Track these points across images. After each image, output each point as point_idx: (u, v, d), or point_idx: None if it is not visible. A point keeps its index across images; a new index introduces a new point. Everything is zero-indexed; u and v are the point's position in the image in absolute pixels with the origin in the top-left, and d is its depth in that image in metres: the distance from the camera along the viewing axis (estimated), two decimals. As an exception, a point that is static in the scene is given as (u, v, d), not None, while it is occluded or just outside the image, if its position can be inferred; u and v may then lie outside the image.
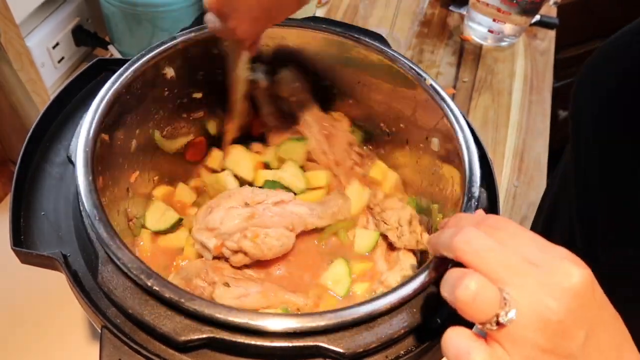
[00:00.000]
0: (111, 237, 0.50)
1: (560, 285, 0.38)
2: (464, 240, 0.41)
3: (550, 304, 0.37)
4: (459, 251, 0.41)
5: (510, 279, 0.39)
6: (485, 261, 0.40)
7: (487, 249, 0.40)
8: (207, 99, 0.75)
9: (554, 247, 0.41)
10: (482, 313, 0.38)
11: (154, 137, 0.71)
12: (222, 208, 0.66)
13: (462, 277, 0.39)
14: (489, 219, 0.44)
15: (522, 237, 0.41)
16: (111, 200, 0.63)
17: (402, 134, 0.76)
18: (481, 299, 0.38)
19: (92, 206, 0.52)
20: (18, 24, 0.84)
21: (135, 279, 0.47)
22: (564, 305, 0.38)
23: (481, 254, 0.40)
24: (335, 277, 0.68)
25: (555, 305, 0.37)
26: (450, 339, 0.40)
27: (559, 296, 0.38)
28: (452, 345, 0.40)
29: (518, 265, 0.39)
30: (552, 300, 0.37)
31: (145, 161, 0.71)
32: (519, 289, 0.38)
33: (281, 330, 0.46)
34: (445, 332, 0.41)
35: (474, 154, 0.60)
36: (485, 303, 0.38)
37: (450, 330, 0.41)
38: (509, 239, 0.41)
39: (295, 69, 0.76)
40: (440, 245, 0.45)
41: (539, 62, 1.32)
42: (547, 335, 0.38)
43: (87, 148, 0.55)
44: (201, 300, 0.46)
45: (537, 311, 0.38)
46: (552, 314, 0.37)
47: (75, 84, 0.67)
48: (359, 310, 0.48)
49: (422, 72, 0.68)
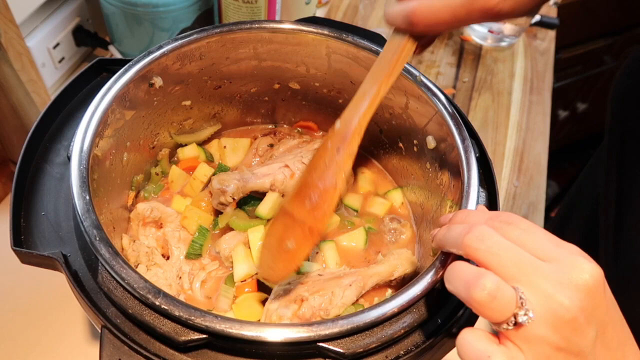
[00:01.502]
0: (113, 256, 0.50)
1: (573, 282, 0.38)
2: (477, 238, 0.41)
3: (564, 301, 0.37)
4: (471, 249, 0.41)
5: (524, 277, 0.39)
6: (498, 259, 0.39)
7: (500, 247, 0.40)
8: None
9: (567, 244, 0.41)
10: (500, 313, 0.38)
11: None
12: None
13: (477, 277, 0.38)
14: (500, 215, 0.43)
15: (534, 233, 0.41)
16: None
17: (394, 130, 0.76)
18: (499, 300, 0.37)
19: (91, 226, 0.51)
20: (18, 24, 0.84)
21: (142, 298, 0.47)
22: (577, 302, 0.38)
23: (494, 252, 0.40)
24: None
25: (569, 303, 0.37)
26: (467, 342, 0.40)
27: (572, 293, 0.38)
28: (470, 348, 0.39)
29: (531, 263, 0.39)
30: (566, 297, 0.37)
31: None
32: (533, 288, 0.38)
33: (280, 341, 0.46)
34: (460, 335, 0.40)
35: (470, 152, 0.60)
36: (502, 304, 0.37)
37: (466, 332, 0.40)
38: (522, 235, 0.41)
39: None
40: (448, 242, 0.45)
41: (539, 62, 1.32)
42: (560, 332, 0.38)
43: (82, 167, 0.55)
44: (212, 317, 0.46)
45: (551, 309, 0.38)
46: (565, 311, 0.37)
47: (75, 84, 0.67)
48: (364, 317, 0.48)
49: (414, 69, 0.68)
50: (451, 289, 0.41)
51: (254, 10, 1.03)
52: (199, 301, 0.67)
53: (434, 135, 0.68)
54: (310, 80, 0.79)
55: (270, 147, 0.82)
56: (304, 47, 0.73)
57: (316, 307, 0.60)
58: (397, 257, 0.69)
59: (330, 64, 0.74)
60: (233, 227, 0.71)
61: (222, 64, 0.73)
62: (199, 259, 0.70)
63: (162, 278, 0.66)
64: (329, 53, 0.73)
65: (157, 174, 0.78)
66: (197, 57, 0.70)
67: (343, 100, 0.80)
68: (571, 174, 2.29)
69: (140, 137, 0.71)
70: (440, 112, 0.64)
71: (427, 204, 0.73)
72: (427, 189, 0.72)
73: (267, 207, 0.72)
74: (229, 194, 0.69)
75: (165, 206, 0.72)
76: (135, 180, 0.73)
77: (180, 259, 0.70)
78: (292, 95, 0.82)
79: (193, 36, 0.67)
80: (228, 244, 0.70)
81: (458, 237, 0.42)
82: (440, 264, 0.51)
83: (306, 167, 0.56)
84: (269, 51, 0.74)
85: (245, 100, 0.82)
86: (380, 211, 0.79)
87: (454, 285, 0.41)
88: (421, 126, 0.70)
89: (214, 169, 0.78)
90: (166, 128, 0.76)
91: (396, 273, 0.67)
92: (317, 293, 0.61)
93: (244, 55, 0.73)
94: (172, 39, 0.67)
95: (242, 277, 0.68)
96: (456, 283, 0.40)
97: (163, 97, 0.71)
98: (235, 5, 1.02)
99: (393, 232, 0.76)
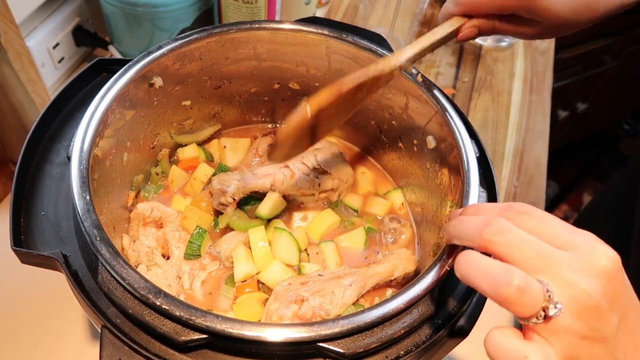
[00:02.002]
0: (114, 256, 0.49)
1: (594, 269, 0.38)
2: (495, 232, 0.40)
3: (587, 288, 0.37)
4: (490, 243, 0.40)
5: (546, 269, 0.38)
6: (520, 252, 0.39)
7: (520, 239, 0.39)
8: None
9: (582, 231, 0.41)
10: (529, 308, 0.37)
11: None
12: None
13: (504, 273, 0.38)
14: (513, 206, 0.43)
15: (550, 222, 0.41)
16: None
17: (394, 130, 0.76)
18: (528, 296, 0.37)
19: (91, 226, 0.51)
20: (18, 24, 0.84)
21: (142, 298, 0.47)
22: (600, 288, 0.37)
23: (515, 245, 0.39)
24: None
25: (591, 289, 0.37)
26: (498, 343, 0.39)
27: (593, 280, 0.38)
28: (503, 350, 0.38)
29: (551, 254, 0.39)
30: (588, 284, 0.37)
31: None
32: (555, 278, 0.38)
33: (280, 341, 0.46)
34: (488, 336, 0.39)
35: (470, 152, 0.60)
36: (531, 298, 0.37)
37: (495, 333, 0.39)
38: (538, 224, 0.41)
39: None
40: (462, 235, 0.44)
41: (539, 62, 1.32)
42: (585, 320, 0.37)
43: (82, 166, 0.55)
44: (212, 317, 0.46)
45: (575, 297, 0.37)
46: (589, 298, 0.37)
47: (75, 84, 0.67)
48: (364, 317, 0.48)
49: (413, 69, 0.67)
50: (472, 284, 0.40)
51: (254, 10, 1.03)
52: (199, 301, 0.67)
53: (434, 135, 0.68)
54: (310, 80, 0.79)
55: (271, 147, 0.82)
56: (304, 47, 0.73)
57: (316, 307, 0.60)
58: (397, 257, 0.69)
59: (330, 64, 0.74)
60: (233, 227, 0.71)
61: (222, 64, 0.73)
62: (199, 259, 0.70)
63: (162, 278, 0.66)
64: (329, 53, 0.73)
65: (157, 174, 0.78)
66: (197, 57, 0.70)
67: (343, 100, 0.80)
68: (571, 174, 2.30)
69: (140, 137, 0.71)
70: (440, 112, 0.64)
71: (427, 204, 0.73)
72: (427, 189, 0.72)
73: (268, 207, 0.72)
74: (229, 195, 0.69)
75: (165, 206, 0.72)
76: (135, 180, 0.73)
77: (180, 259, 0.70)
78: (292, 95, 0.82)
79: (193, 36, 0.67)
80: (228, 244, 0.70)
81: (474, 230, 0.42)
82: (446, 257, 0.51)
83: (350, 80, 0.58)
84: (269, 51, 0.74)
85: (245, 100, 0.82)
86: (380, 211, 0.79)
87: (477, 281, 0.39)
88: (421, 126, 0.70)
89: (214, 169, 0.78)
90: (166, 128, 0.76)
91: (396, 273, 0.67)
92: (317, 293, 0.61)
93: (243, 55, 0.73)
94: (172, 39, 0.67)
95: (243, 277, 0.68)
96: (479, 280, 0.39)
97: (163, 97, 0.71)
98: (235, 5, 1.02)
99: (393, 232, 0.76)
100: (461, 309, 0.53)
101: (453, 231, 0.45)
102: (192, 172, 0.78)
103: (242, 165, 0.80)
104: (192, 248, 0.70)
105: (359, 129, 0.83)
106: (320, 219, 0.75)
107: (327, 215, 0.76)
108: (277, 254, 0.69)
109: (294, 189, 0.73)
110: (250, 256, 0.69)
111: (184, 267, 0.69)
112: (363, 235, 0.75)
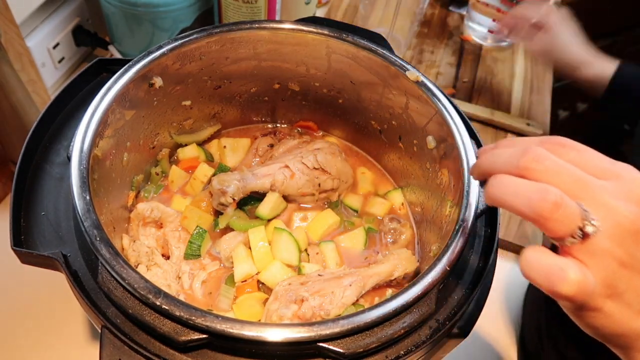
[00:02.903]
0: (114, 256, 0.49)
1: (636, 196, 0.38)
2: (533, 160, 0.39)
3: (628, 213, 0.37)
4: (529, 171, 0.39)
5: (585, 194, 0.38)
6: (559, 178, 0.38)
7: (559, 167, 0.39)
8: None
9: (622, 163, 0.41)
10: (565, 225, 0.37)
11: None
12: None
13: (539, 190, 0.37)
14: (552, 138, 0.42)
15: (590, 153, 0.41)
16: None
17: (394, 130, 0.77)
18: (563, 210, 0.36)
19: (91, 226, 0.51)
20: (18, 24, 0.84)
21: (142, 298, 0.47)
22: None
23: (555, 171, 0.39)
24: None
25: (633, 214, 0.37)
26: (534, 259, 0.38)
27: (635, 207, 0.37)
28: (539, 265, 0.37)
29: (592, 181, 0.39)
30: (629, 210, 0.37)
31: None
32: (595, 203, 0.38)
33: (280, 341, 0.46)
34: (523, 255, 0.38)
35: (470, 152, 0.60)
36: (567, 214, 0.36)
37: (530, 250, 0.38)
38: (577, 155, 0.41)
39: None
40: (497, 166, 0.42)
41: (539, 62, 1.32)
42: (625, 246, 0.37)
43: (82, 167, 0.55)
44: (212, 317, 0.46)
45: (616, 221, 0.37)
46: (630, 223, 0.37)
47: (75, 84, 0.67)
48: (364, 317, 0.48)
49: (413, 69, 0.68)
50: (504, 204, 0.39)
51: (254, 10, 1.03)
52: (199, 301, 0.67)
53: (434, 135, 0.68)
54: (310, 80, 0.79)
55: (270, 147, 0.82)
56: (304, 47, 0.73)
57: (316, 307, 0.60)
58: (397, 257, 0.69)
59: (330, 64, 0.75)
60: (233, 227, 0.71)
61: (222, 64, 0.73)
62: (199, 259, 0.70)
63: (162, 278, 0.66)
64: (329, 53, 0.73)
65: (157, 174, 0.78)
66: (197, 57, 0.70)
67: (343, 100, 0.80)
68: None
69: (140, 137, 0.71)
70: (440, 112, 0.64)
71: (427, 204, 0.73)
72: (427, 189, 0.72)
73: (268, 207, 0.72)
74: (229, 195, 0.69)
75: (165, 206, 0.72)
76: (135, 180, 0.73)
77: (180, 259, 0.70)
78: (292, 95, 0.82)
79: (193, 36, 0.67)
80: (228, 244, 0.70)
81: (511, 160, 0.41)
82: (437, 269, 0.51)
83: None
84: (269, 51, 0.74)
85: (245, 100, 0.82)
86: (380, 211, 0.79)
87: (510, 200, 0.39)
88: (421, 126, 0.70)
89: (214, 169, 0.78)
90: (166, 128, 0.76)
91: (396, 273, 0.67)
92: (317, 293, 0.61)
93: (243, 55, 0.73)
94: (172, 39, 0.67)
95: (243, 277, 0.68)
96: (513, 198, 0.39)
97: (163, 97, 0.71)
98: (235, 5, 1.02)
99: (393, 232, 0.76)
100: (461, 309, 0.53)
101: (486, 162, 0.43)
102: (192, 172, 0.78)
103: (242, 165, 0.80)
104: (192, 248, 0.70)
105: (359, 129, 0.83)
106: (320, 219, 0.76)
107: (327, 215, 0.76)
108: (277, 254, 0.69)
109: (294, 189, 0.73)
110: (250, 256, 0.69)
111: (183, 267, 0.69)
112: (363, 235, 0.75)
